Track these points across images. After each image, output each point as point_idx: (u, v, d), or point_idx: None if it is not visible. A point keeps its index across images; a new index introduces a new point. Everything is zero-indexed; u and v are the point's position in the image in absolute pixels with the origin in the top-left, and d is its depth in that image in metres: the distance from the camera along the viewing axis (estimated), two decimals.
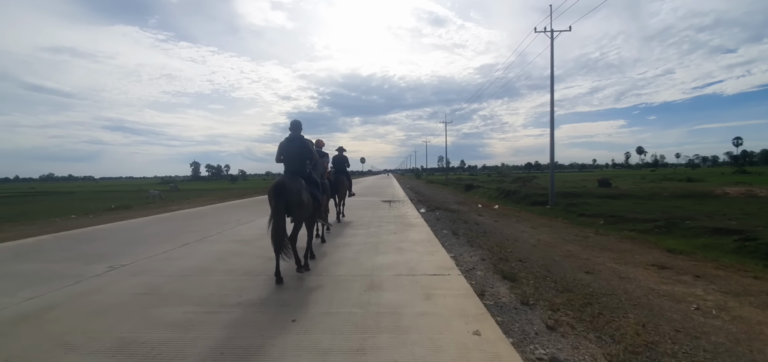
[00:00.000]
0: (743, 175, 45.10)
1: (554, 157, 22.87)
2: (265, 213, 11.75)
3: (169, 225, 9.74)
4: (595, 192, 25.35)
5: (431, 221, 10.35)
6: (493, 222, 11.08)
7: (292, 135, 5.19)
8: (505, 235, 8.80)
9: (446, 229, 9.04)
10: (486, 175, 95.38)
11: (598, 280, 5.37)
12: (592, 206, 19.36)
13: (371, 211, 12.22)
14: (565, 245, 8.06)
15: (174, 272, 4.90)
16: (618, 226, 14.56)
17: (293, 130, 5.21)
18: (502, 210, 16.48)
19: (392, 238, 7.18)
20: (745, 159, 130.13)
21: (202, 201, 22.00)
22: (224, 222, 9.94)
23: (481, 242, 7.59)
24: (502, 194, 28.79)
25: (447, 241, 7.37)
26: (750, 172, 55.17)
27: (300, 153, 5.09)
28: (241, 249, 6.30)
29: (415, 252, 5.98)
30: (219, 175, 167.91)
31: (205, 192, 39.86)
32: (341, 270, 4.97)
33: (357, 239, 7.20)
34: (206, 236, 7.65)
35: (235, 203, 17.29)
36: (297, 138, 5.19)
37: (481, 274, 5.10)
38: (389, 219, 10.02)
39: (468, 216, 12.16)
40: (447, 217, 11.55)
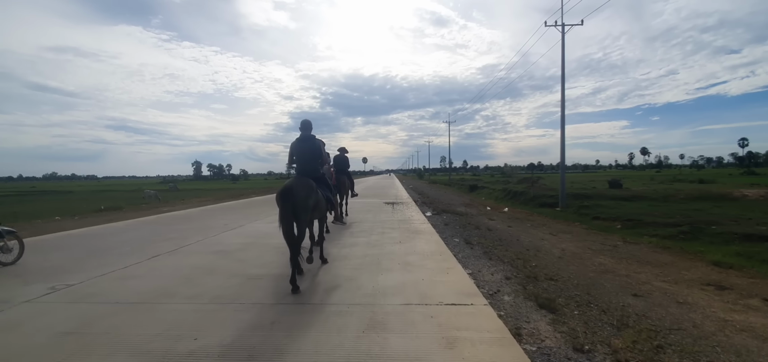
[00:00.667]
0: (752, 177, 43.88)
1: (560, 158, 21.77)
2: (255, 218, 10.75)
3: (148, 230, 8.74)
4: (606, 194, 24.20)
5: (439, 226, 9.34)
6: (506, 228, 10.05)
7: (303, 135, 5.02)
8: (524, 244, 7.77)
9: (457, 237, 8.02)
10: (489, 176, 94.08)
11: (653, 307, 4.34)
12: (606, 209, 18.29)
13: (373, 214, 11.20)
14: (595, 256, 7.02)
15: (124, 297, 3.89)
16: (637, 231, 13.50)
17: (304, 130, 5.04)
18: (513, 213, 15.43)
19: (397, 249, 6.15)
20: (751, 160, 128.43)
21: (197, 202, 21.04)
22: (209, 227, 8.94)
23: (499, 253, 6.56)
24: (509, 195, 27.70)
25: (461, 252, 6.35)
26: (758, 173, 53.75)
27: (311, 154, 4.95)
28: (217, 264, 5.27)
29: (426, 268, 4.94)
30: (220, 174, 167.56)
31: (204, 192, 38.93)
32: (335, 296, 3.93)
33: (356, 250, 6.17)
34: (183, 245, 6.64)
35: (229, 205, 16.30)
36: (308, 138, 5.01)
37: (510, 300, 4.07)
38: (393, 225, 9.00)
39: (478, 221, 11.14)
40: (456, 222, 10.53)
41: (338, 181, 9.19)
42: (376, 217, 10.52)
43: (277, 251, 5.99)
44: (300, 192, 4.41)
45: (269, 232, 7.94)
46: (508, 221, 11.86)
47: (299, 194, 4.38)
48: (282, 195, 4.33)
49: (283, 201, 4.32)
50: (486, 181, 50.96)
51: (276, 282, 4.38)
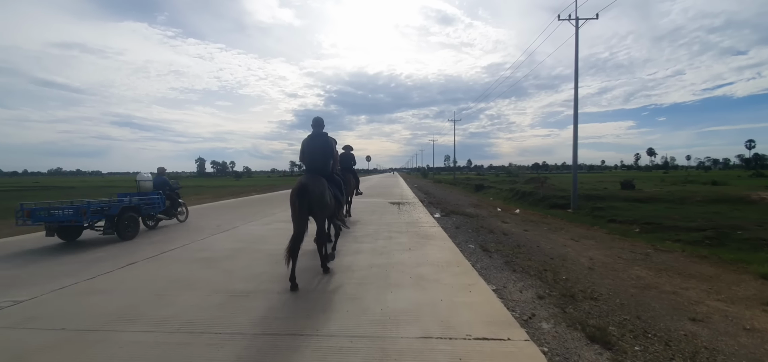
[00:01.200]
0: (762, 179, 42.77)
1: (573, 158, 20.92)
2: (251, 218, 10.02)
3: None
4: (619, 195, 23.27)
5: (450, 230, 8.56)
6: (523, 232, 9.26)
7: (315, 132, 4.92)
8: (546, 251, 6.97)
9: (472, 243, 7.24)
10: (494, 175, 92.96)
11: (719, 337, 3.55)
12: (621, 211, 17.44)
13: (378, 215, 10.44)
14: (629, 267, 6.21)
15: (74, 321, 3.14)
16: (658, 235, 12.69)
17: (315, 127, 4.94)
18: (525, 215, 14.61)
19: (407, 258, 5.38)
20: (758, 162, 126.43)
21: (195, 199, 20.39)
22: (200, 228, 8.22)
23: (522, 263, 5.77)
24: (517, 196, 26.85)
25: (479, 262, 5.56)
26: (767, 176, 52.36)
27: (323, 151, 4.83)
28: (198, 276, 4.52)
29: (444, 284, 4.16)
30: (224, 171, 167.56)
31: (205, 189, 38.30)
32: (334, 323, 3.15)
33: (360, 259, 5.40)
34: (165, 250, 5.91)
35: (226, 203, 15.60)
36: (319, 135, 4.90)
37: (550, 329, 3.29)
38: (400, 228, 8.23)
39: (491, 224, 10.34)
40: (467, 225, 9.74)
41: (344, 179, 8.47)
42: (382, 219, 9.75)
43: (270, 260, 5.25)
44: (315, 189, 4.37)
45: (263, 236, 7.20)
46: (522, 224, 11.05)
47: (315, 191, 4.35)
48: (298, 193, 4.26)
49: (299, 198, 4.25)
50: (491, 180, 49.98)
51: (264, 301, 3.62)
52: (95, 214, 6.74)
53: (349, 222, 8.69)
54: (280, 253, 5.65)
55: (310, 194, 4.31)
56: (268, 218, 10.01)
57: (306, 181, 4.39)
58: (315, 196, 4.34)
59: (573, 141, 20.37)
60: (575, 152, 20.39)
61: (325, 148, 4.89)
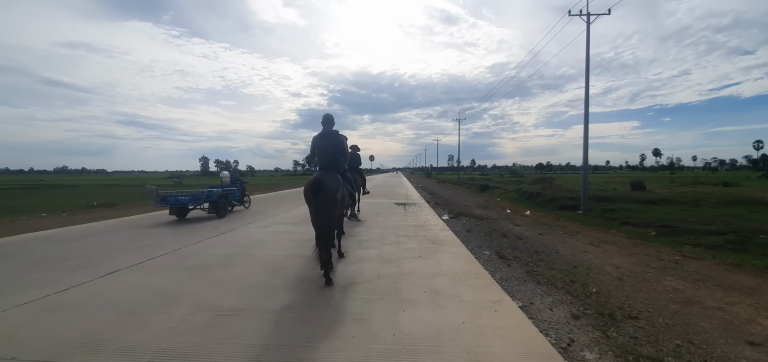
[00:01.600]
0: None
1: (583, 158, 20.32)
2: (250, 220, 9.54)
3: (126, 233, 7.54)
4: (629, 196, 22.57)
5: (461, 233, 8.02)
6: (538, 236, 8.70)
7: (325, 130, 4.93)
8: (567, 258, 6.41)
9: (486, 248, 6.69)
10: (498, 175, 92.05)
11: None
12: (634, 213, 16.81)
13: (383, 218, 9.91)
14: (661, 278, 5.65)
15: (27, 350, 2.63)
16: (676, 239, 12.08)
17: (326, 125, 4.95)
18: (536, 217, 14.03)
19: (418, 268, 4.84)
20: (766, 163, 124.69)
21: None
22: (195, 230, 7.72)
23: (544, 272, 5.23)
24: (524, 196, 26.23)
25: (498, 272, 5.02)
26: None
27: (333, 149, 4.85)
28: (184, 288, 3.98)
29: (464, 301, 3.62)
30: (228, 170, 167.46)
31: None
32: (336, 355, 2.59)
33: (366, 268, 4.87)
34: (153, 256, 5.40)
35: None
36: (330, 133, 4.91)
37: (596, 360, 2.76)
38: (408, 231, 7.70)
39: (503, 227, 9.79)
40: (478, 228, 9.19)
41: (351, 179, 8.60)
42: (388, 221, 9.22)
43: (267, 268, 4.73)
44: (331, 184, 4.39)
45: (261, 240, 6.69)
46: (535, 227, 10.49)
47: (330, 187, 4.36)
48: (313, 189, 4.27)
49: (315, 194, 4.26)
50: (496, 180, 49.30)
51: (256, 323, 3.10)
52: (201, 200, 9.53)
53: (348, 234, 8.35)
54: (278, 260, 5.17)
55: (325, 189, 4.30)
56: (269, 219, 9.51)
57: (321, 176, 4.39)
58: (330, 191, 4.35)
59: (584, 141, 19.77)
60: (586, 152, 19.78)
61: (336, 145, 4.88)
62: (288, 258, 5.29)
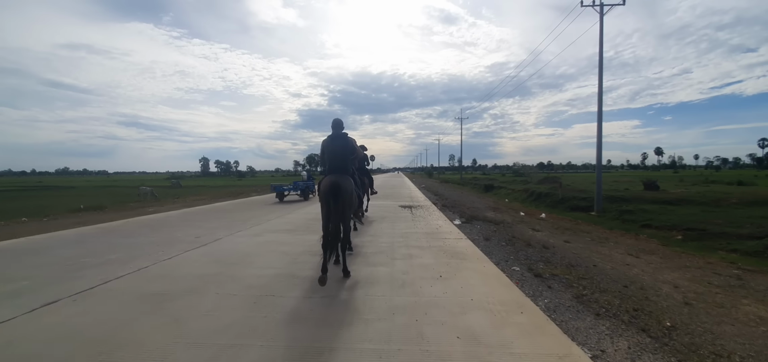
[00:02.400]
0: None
1: (597, 156, 19.30)
2: (240, 226, 8.53)
3: (96, 244, 6.53)
4: (644, 197, 21.48)
5: (479, 242, 7.01)
6: (564, 244, 7.69)
7: (335, 133, 4.97)
8: (610, 274, 5.39)
9: (514, 261, 5.67)
10: (500, 175, 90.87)
11: None
12: (653, 214, 15.78)
13: (390, 223, 8.90)
14: (734, 300, 4.62)
15: None
16: (706, 244, 11.06)
17: (335, 128, 4.99)
18: (553, 220, 13.03)
19: (442, 294, 3.81)
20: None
21: (192, 200, 19.02)
22: (174, 240, 6.70)
23: (595, 296, 4.18)
24: (532, 197, 25.19)
25: (540, 297, 3.99)
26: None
27: (343, 151, 4.86)
28: (128, 332, 2.93)
29: (517, 354, 2.59)
30: (228, 171, 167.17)
31: (205, 189, 37.02)
32: None
33: (375, 296, 3.79)
34: (109, 278, 4.38)
35: (221, 206, 14.14)
36: (340, 136, 4.95)
37: None
38: (419, 240, 6.68)
39: (523, 233, 8.76)
40: (496, 234, 8.16)
41: (359, 181, 8.49)
42: (395, 228, 8.20)
43: (248, 296, 3.71)
44: (347, 186, 4.47)
45: (248, 253, 5.66)
46: (557, 232, 9.48)
47: (347, 189, 4.44)
48: (332, 190, 4.31)
49: (333, 196, 4.30)
50: (501, 180, 48.19)
51: None
52: (296, 189, 16.01)
53: (362, 223, 8.55)
54: (264, 283, 4.15)
55: (343, 191, 4.36)
56: (261, 226, 8.51)
57: (337, 179, 4.42)
58: (347, 193, 4.43)
59: (597, 138, 18.72)
60: (599, 150, 18.74)
61: (345, 148, 4.88)
62: (277, 280, 4.27)
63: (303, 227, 8.22)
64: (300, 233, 7.45)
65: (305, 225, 8.55)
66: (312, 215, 10.23)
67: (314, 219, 9.31)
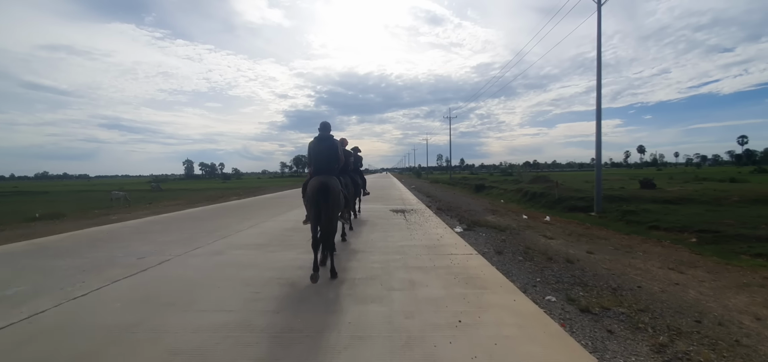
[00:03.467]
0: (764, 174, 41.00)
1: (596, 153, 18.36)
2: (205, 237, 7.10)
3: (14, 266, 5.08)
4: (644, 196, 20.60)
5: (491, 256, 5.78)
6: (588, 256, 6.53)
7: (321, 135, 4.95)
8: (667, 302, 4.19)
9: (540, 283, 4.43)
10: (489, 174, 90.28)
11: None
12: (657, 214, 14.88)
13: (382, 232, 7.61)
14: None
15: None
16: (723, 247, 10.11)
17: (322, 130, 4.99)
18: (558, 223, 11.94)
19: (467, 356, 2.55)
20: (749, 158, 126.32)
21: (166, 206, 17.41)
22: (112, 263, 5.24)
23: (672, 342, 3.00)
24: (527, 197, 24.22)
25: (607, 350, 2.76)
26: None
27: (329, 153, 4.85)
28: None
29: None
30: (213, 173, 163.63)
31: (187, 192, 35.09)
32: None
33: (364, 351, 2.55)
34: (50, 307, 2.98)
35: (195, 212, 12.63)
36: (326, 138, 4.93)
37: None
38: (420, 258, 5.39)
39: (535, 242, 7.58)
40: (506, 245, 6.94)
41: (352, 181, 8.88)
42: (388, 239, 6.90)
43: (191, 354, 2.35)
44: (335, 187, 4.51)
45: (196, 283, 4.24)
46: (572, 240, 8.34)
47: (335, 189, 4.48)
48: (321, 192, 4.38)
49: (323, 196, 4.36)
50: (491, 180, 47.31)
51: None
52: None
53: (351, 229, 8.11)
54: (201, 341, 2.80)
55: (332, 192, 4.42)
56: (228, 238, 7.12)
57: (326, 180, 4.47)
58: (336, 194, 4.48)
59: (596, 132, 17.74)
60: (598, 148, 17.77)
61: (332, 150, 4.90)
62: (221, 335, 2.89)
63: (277, 240, 6.86)
64: (272, 249, 6.09)
65: (280, 237, 7.19)
66: (291, 223, 8.87)
67: (293, 230, 7.96)
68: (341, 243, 6.42)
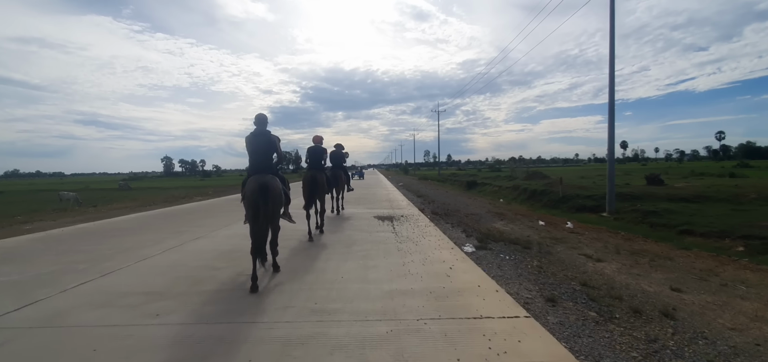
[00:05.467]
0: (749, 169, 40.31)
1: (608, 146, 16.04)
2: (122, 256, 4.47)
3: None
4: (656, 193, 18.40)
5: (538, 307, 3.40)
6: (679, 297, 4.21)
7: (258, 129, 4.76)
8: None
9: None
10: (476, 170, 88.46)
11: None
12: (683, 216, 12.76)
13: (359, 254, 5.11)
14: None
15: None
16: None
17: (258, 124, 4.80)
18: (586, 231, 9.66)
19: None
20: (724, 153, 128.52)
21: (118, 208, 14.61)
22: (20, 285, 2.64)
23: None
24: (525, 195, 21.95)
25: None
26: (753, 166, 49.77)
27: (266, 148, 4.66)
28: None
29: None
30: (194, 170, 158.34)
31: (155, 191, 31.89)
32: None
33: None
34: None
35: (149, 215, 10.01)
36: (262, 133, 4.73)
37: None
38: (428, 323, 2.96)
39: (583, 269, 5.23)
40: (551, 279, 4.53)
41: (335, 175, 9.36)
42: (368, 274, 4.39)
43: None
44: (275, 186, 4.36)
45: None
46: (623, 259, 6.02)
47: (275, 188, 4.34)
48: (261, 192, 4.17)
49: (263, 197, 4.17)
50: (482, 176, 45.14)
51: None
52: (356, 174, 35.50)
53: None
54: None
55: (272, 191, 4.26)
56: (150, 261, 4.53)
57: (264, 179, 4.27)
58: (276, 193, 4.33)
59: (609, 126, 15.54)
60: (611, 140, 15.58)
61: (268, 146, 4.67)
62: None
63: (189, 280, 4.27)
64: (166, 304, 3.53)
65: (199, 272, 4.59)
66: (232, 243, 6.29)
67: (228, 255, 5.41)
68: None
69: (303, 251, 5.71)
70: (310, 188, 6.96)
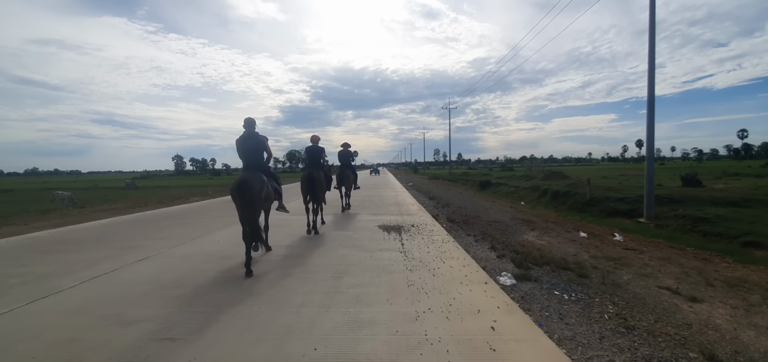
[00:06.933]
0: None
1: (647, 145, 14.05)
2: (94, 265, 3.32)
3: None
4: (699, 197, 16.18)
5: None
6: None
7: (247, 132, 5.16)
8: None
9: None
10: (487, 169, 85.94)
11: None
12: (741, 224, 10.77)
13: (352, 286, 3.51)
14: None
15: None
16: None
17: (247, 127, 5.18)
18: (644, 246, 7.85)
19: None
20: (747, 152, 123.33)
21: (114, 208, 13.37)
22: None
23: None
24: (546, 196, 19.99)
25: None
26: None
27: (256, 149, 5.12)
28: None
29: None
30: (204, 169, 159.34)
31: (165, 190, 30.76)
32: None
33: None
34: None
35: (143, 217, 8.65)
36: (251, 135, 5.15)
37: None
38: None
39: (681, 319, 3.54)
40: (641, 339, 2.88)
41: (342, 174, 10.09)
42: (361, 331, 2.79)
43: None
44: (254, 184, 4.65)
45: None
46: (721, 293, 4.29)
47: (254, 186, 4.63)
48: (239, 189, 4.56)
49: (240, 193, 4.55)
50: (496, 175, 43.02)
51: None
52: (372, 171, 48.63)
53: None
54: None
55: (249, 189, 4.55)
56: (126, 269, 3.00)
57: (246, 176, 4.63)
58: (255, 191, 4.60)
59: (647, 122, 13.57)
60: (651, 137, 13.60)
61: (257, 146, 5.08)
62: None
63: (158, 293, 2.72)
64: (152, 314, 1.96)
65: (164, 288, 3.07)
66: (203, 253, 4.75)
67: (203, 265, 3.86)
68: None
69: (277, 282, 4.08)
70: (308, 185, 7.20)
